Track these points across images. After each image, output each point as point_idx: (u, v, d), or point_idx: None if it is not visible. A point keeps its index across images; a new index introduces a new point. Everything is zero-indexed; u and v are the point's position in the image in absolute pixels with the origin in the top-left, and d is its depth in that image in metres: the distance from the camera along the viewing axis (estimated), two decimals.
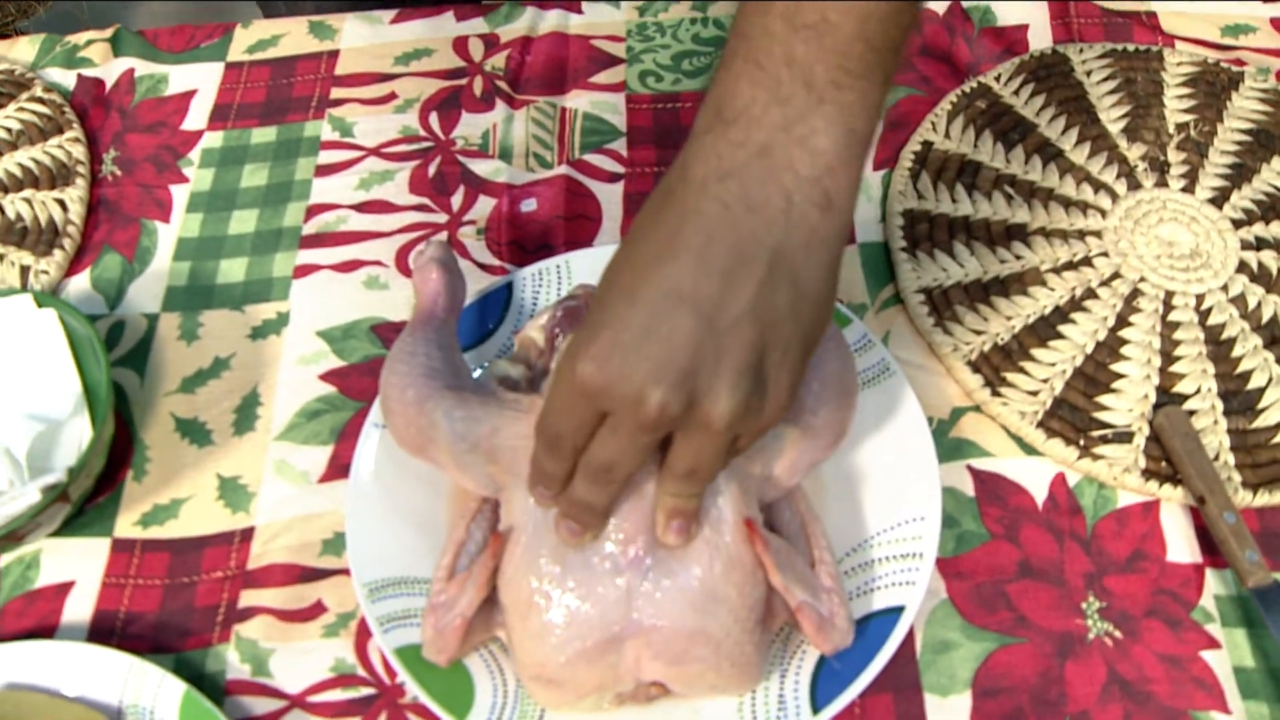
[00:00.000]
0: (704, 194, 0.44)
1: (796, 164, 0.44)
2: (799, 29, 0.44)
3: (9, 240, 0.78)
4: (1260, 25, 0.85)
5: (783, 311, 0.44)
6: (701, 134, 0.45)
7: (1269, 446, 0.64)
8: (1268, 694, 0.58)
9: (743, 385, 0.44)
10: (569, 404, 0.46)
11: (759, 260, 0.44)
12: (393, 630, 0.57)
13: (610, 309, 0.44)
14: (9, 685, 0.60)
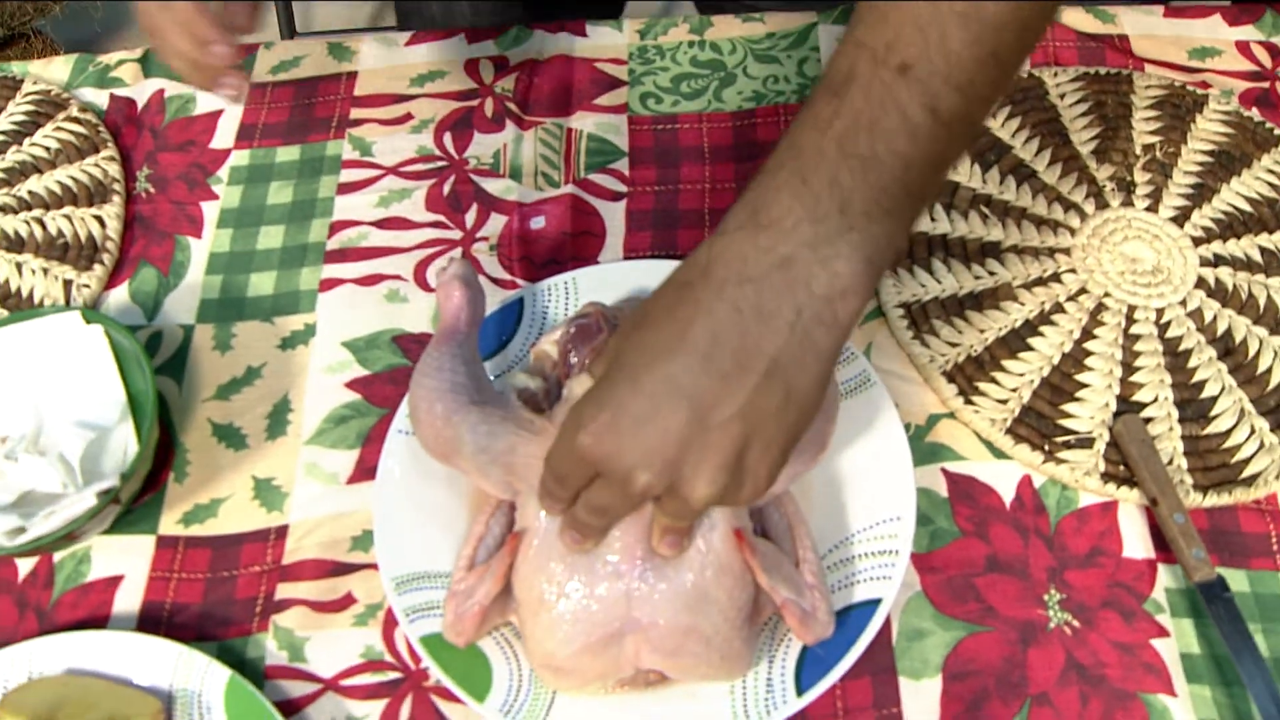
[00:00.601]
0: (721, 296, 0.49)
1: (813, 282, 0.49)
2: (849, 157, 0.48)
3: (52, 255, 0.83)
4: (1225, 48, 0.91)
5: (771, 414, 0.49)
6: (732, 231, 0.50)
7: (1219, 451, 0.70)
8: (1210, 678, 0.63)
9: (720, 479, 0.50)
10: (571, 459, 0.52)
11: (757, 367, 0.49)
12: (418, 620, 0.63)
13: (616, 389, 0.50)
14: (69, 671, 0.66)
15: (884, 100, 0.49)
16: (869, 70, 0.49)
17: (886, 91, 0.49)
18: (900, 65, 0.49)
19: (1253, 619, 0.65)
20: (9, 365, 0.72)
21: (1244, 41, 0.91)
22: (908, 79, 0.49)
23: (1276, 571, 0.67)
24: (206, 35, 0.68)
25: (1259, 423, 0.71)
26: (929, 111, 0.49)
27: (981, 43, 0.49)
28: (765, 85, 0.89)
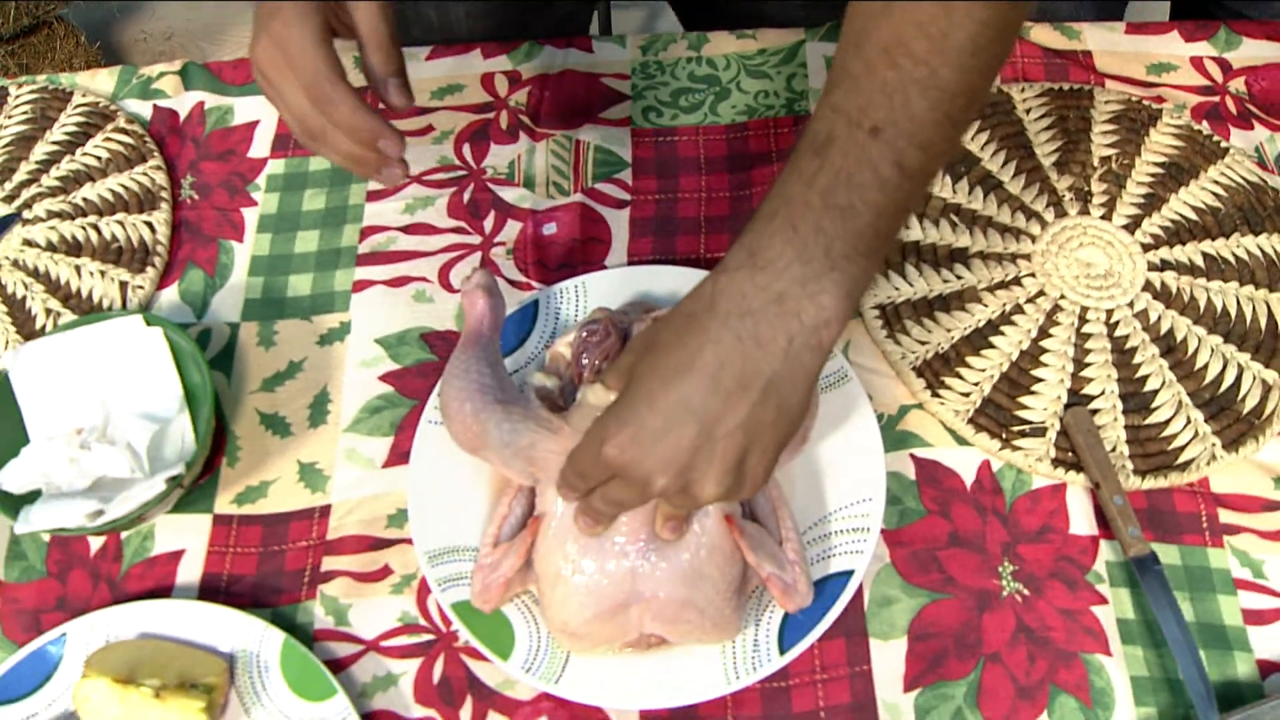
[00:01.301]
0: (725, 326, 0.58)
1: (803, 314, 0.58)
2: (831, 207, 0.57)
3: (107, 259, 0.92)
4: (1181, 64, 0.98)
5: (766, 425, 0.59)
6: (733, 269, 0.59)
7: (1158, 439, 0.79)
8: (1142, 640, 0.73)
9: (725, 480, 0.59)
10: (595, 463, 0.61)
11: (756, 386, 0.58)
12: (448, 589, 0.72)
13: (636, 407, 0.59)
14: (141, 635, 0.75)
15: (859, 158, 0.57)
16: (846, 132, 0.58)
17: (861, 151, 0.57)
18: (872, 128, 0.57)
19: (1182, 588, 0.74)
20: (79, 364, 0.80)
21: (1198, 57, 0.99)
22: (878, 140, 0.57)
23: (1205, 547, 0.76)
24: (374, 133, 0.70)
25: (1194, 414, 0.79)
26: (896, 167, 0.57)
27: (938, 107, 0.57)
28: (756, 100, 0.97)
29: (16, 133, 1.00)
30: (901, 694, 0.71)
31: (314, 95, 0.68)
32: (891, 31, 0.57)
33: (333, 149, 0.70)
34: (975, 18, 0.57)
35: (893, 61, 0.57)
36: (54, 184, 0.97)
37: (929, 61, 0.57)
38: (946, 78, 0.57)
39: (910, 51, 0.57)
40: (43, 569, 0.80)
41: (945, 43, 0.57)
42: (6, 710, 0.73)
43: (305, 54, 0.68)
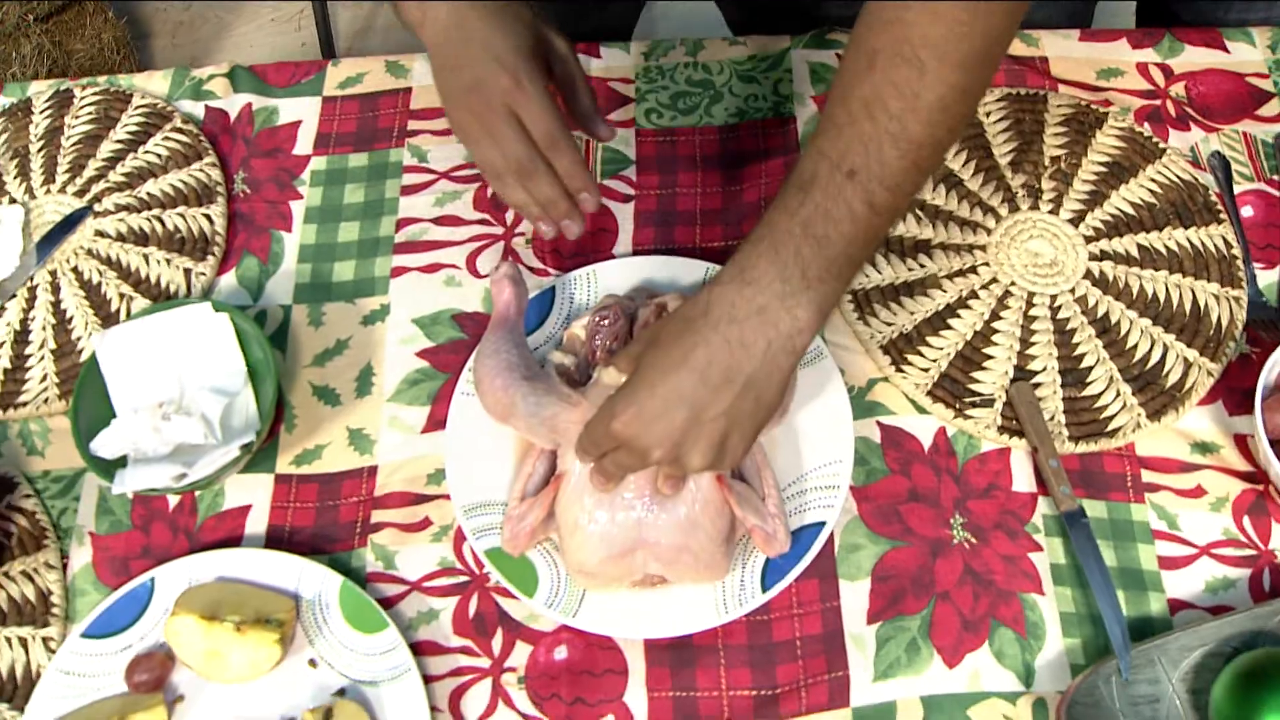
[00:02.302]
0: (715, 330, 0.70)
1: (780, 324, 0.70)
2: (810, 236, 0.70)
3: (172, 248, 1.04)
4: (1128, 69, 1.10)
5: (745, 413, 0.71)
6: (726, 283, 0.71)
7: (1091, 410, 0.91)
8: (1070, 582, 0.85)
9: (709, 455, 0.72)
10: (605, 435, 0.73)
11: (738, 381, 0.70)
12: (482, 537, 0.85)
13: (639, 392, 0.71)
14: (219, 579, 0.88)
15: (836, 196, 0.70)
16: (827, 173, 0.70)
17: (838, 191, 0.70)
18: (849, 171, 0.69)
19: (1107, 538, 0.87)
20: (157, 346, 0.93)
21: (1144, 63, 1.10)
22: (854, 181, 0.69)
23: (1129, 503, 0.89)
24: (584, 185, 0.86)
25: (1124, 388, 0.92)
26: (867, 205, 0.70)
27: (907, 156, 0.69)
28: (746, 103, 1.08)
29: (83, 132, 1.12)
30: (865, 626, 0.84)
31: (547, 142, 0.83)
32: (872, 89, 0.69)
33: (534, 190, 0.84)
34: (946, 81, 0.68)
35: (871, 115, 0.69)
36: (120, 179, 1.08)
37: (901, 118, 0.69)
38: (916, 132, 0.69)
39: (886, 108, 0.69)
40: (128, 522, 0.92)
41: (917, 102, 0.68)
42: (106, 642, 0.86)
43: (543, 106, 0.82)
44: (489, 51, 0.82)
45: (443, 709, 0.83)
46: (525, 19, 0.85)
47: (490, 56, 0.82)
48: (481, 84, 0.82)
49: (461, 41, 0.83)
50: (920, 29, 0.68)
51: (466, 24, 0.83)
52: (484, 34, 0.82)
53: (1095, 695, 0.80)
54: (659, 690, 0.82)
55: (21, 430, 0.97)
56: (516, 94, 0.82)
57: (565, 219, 0.86)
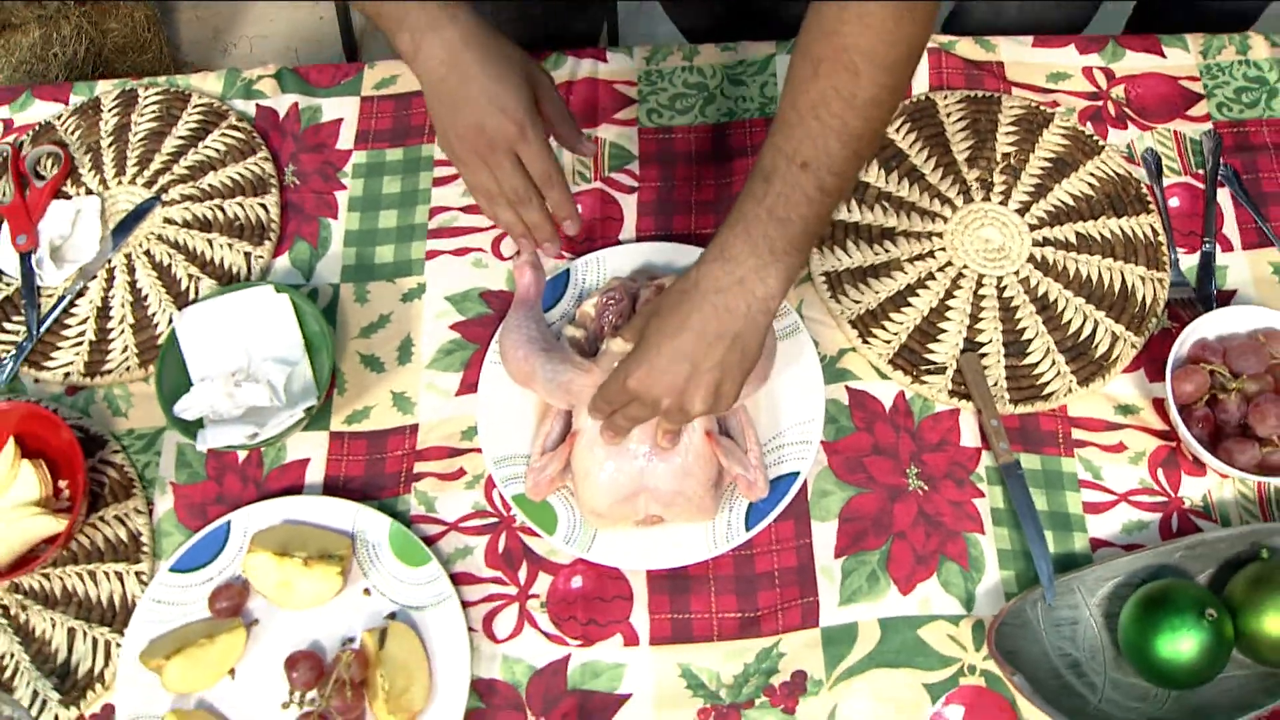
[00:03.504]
0: (705, 299, 0.85)
1: (756, 290, 0.85)
2: (774, 219, 0.84)
3: (232, 234, 1.18)
4: (1074, 73, 1.24)
5: (734, 363, 0.86)
6: (709, 261, 0.86)
7: (1030, 376, 1.06)
8: (1007, 523, 1.01)
9: (708, 400, 0.86)
10: (619, 391, 0.88)
11: (727, 338, 0.85)
12: (509, 485, 1.01)
13: (649, 352, 0.86)
14: (285, 521, 1.03)
15: (793, 185, 0.84)
16: (784, 166, 0.84)
17: (794, 180, 0.84)
18: (802, 163, 0.84)
19: (1040, 486, 1.02)
20: (227, 323, 1.07)
21: (1089, 67, 1.24)
22: (806, 172, 0.84)
23: (1060, 456, 1.04)
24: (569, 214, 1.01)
25: (1058, 358, 1.07)
26: (819, 190, 0.84)
27: (848, 146, 0.84)
28: (736, 104, 1.23)
29: (149, 129, 1.26)
30: (833, 559, 1.00)
31: (543, 180, 0.98)
32: (818, 93, 0.83)
33: (525, 215, 1.00)
34: (877, 81, 0.83)
35: (817, 115, 0.83)
36: (183, 172, 1.23)
37: (842, 115, 0.83)
38: (855, 126, 0.83)
39: (830, 108, 0.83)
40: (204, 474, 1.08)
41: (854, 101, 0.83)
42: (191, 575, 1.01)
43: (543, 150, 0.97)
44: (492, 100, 0.94)
45: (478, 629, 0.99)
46: (517, 60, 0.96)
47: (494, 105, 0.94)
48: (485, 128, 0.94)
49: (460, 82, 0.94)
50: (854, 38, 0.82)
51: (464, 66, 0.94)
52: (483, 80, 0.94)
53: (1023, 617, 0.96)
54: (659, 613, 0.98)
55: (106, 394, 1.12)
56: (520, 141, 0.95)
57: (548, 241, 1.02)
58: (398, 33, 0.95)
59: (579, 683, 0.97)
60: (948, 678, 0.95)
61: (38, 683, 1.00)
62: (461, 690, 0.95)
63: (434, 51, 0.94)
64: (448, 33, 0.94)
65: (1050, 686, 0.94)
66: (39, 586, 1.04)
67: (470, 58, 0.94)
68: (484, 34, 0.95)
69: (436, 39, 0.94)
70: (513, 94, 0.95)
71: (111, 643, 1.01)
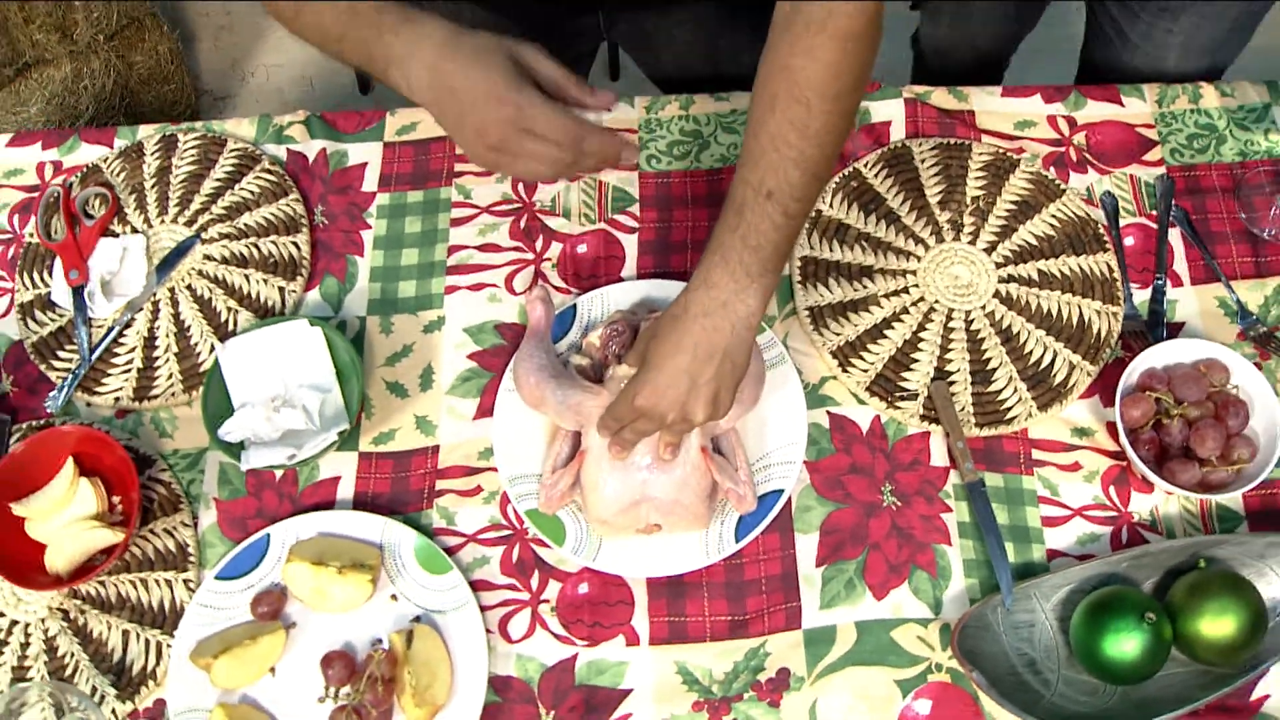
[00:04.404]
0: (695, 322, 0.96)
1: (739, 310, 0.96)
2: (747, 247, 0.95)
3: (267, 270, 1.29)
4: (1040, 120, 1.35)
5: (727, 374, 0.97)
6: (695, 288, 0.97)
7: (994, 402, 1.17)
8: (972, 535, 1.12)
9: (706, 409, 0.97)
10: (627, 409, 0.99)
11: (718, 354, 0.96)
12: (522, 500, 1.12)
13: (652, 372, 0.97)
14: (320, 534, 1.14)
15: (761, 214, 0.95)
16: (752, 198, 0.95)
17: (762, 209, 0.95)
18: (768, 193, 0.95)
19: (1002, 502, 1.13)
20: (266, 353, 1.18)
21: (1053, 115, 1.35)
22: (772, 200, 0.95)
23: (1021, 475, 1.15)
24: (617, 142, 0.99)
25: (1020, 385, 1.18)
26: (785, 215, 0.95)
27: (807, 172, 0.94)
28: (728, 150, 1.34)
29: (188, 172, 1.37)
30: (814, 568, 1.11)
31: (571, 138, 0.96)
32: (776, 126, 0.94)
33: (586, 168, 1.00)
34: (827, 111, 0.93)
35: (776, 148, 0.94)
36: (221, 212, 1.34)
37: (799, 145, 0.94)
38: (811, 154, 0.94)
39: (787, 140, 0.94)
40: (244, 490, 1.18)
41: (808, 131, 0.94)
42: (234, 582, 1.12)
43: (551, 113, 0.96)
44: (481, 97, 0.94)
45: (494, 631, 1.10)
46: (493, 47, 0.96)
47: (484, 101, 0.94)
48: (486, 124, 0.95)
49: (450, 95, 0.95)
50: (804, 73, 0.93)
51: (448, 79, 0.95)
52: (467, 84, 0.94)
53: (984, 621, 1.07)
54: (658, 616, 1.09)
55: (153, 417, 1.23)
56: (522, 118, 0.95)
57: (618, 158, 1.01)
58: (388, 71, 0.98)
59: (585, 679, 1.07)
60: (917, 674, 1.06)
61: (96, 679, 1.10)
62: (480, 686, 1.06)
63: (420, 75, 0.97)
64: (425, 54, 0.96)
65: (1008, 682, 1.04)
66: (96, 593, 1.14)
67: (451, 68, 0.95)
68: (456, 40, 0.96)
69: (418, 64, 0.96)
70: (497, 81, 0.95)
71: (162, 643, 1.11)
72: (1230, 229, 1.28)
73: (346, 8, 0.99)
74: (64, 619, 1.13)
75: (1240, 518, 1.14)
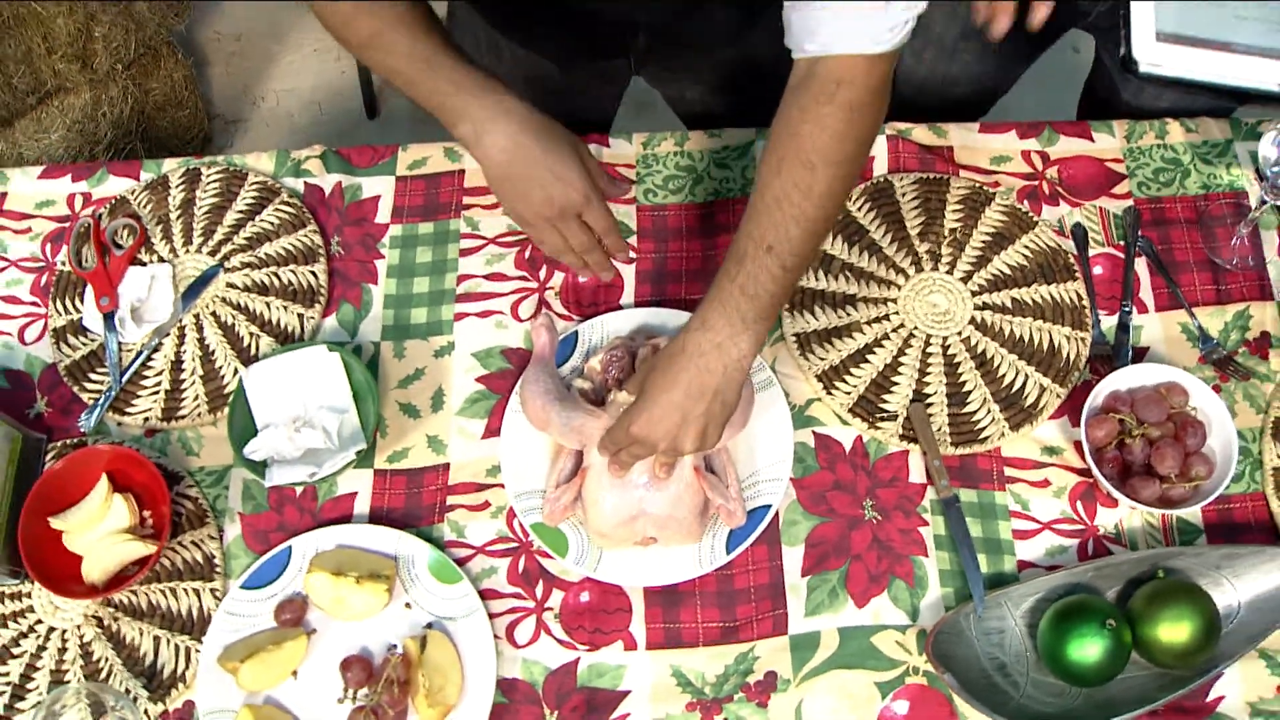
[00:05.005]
0: (691, 361, 1.04)
1: (732, 353, 1.04)
2: (745, 295, 1.03)
3: (287, 297, 1.37)
4: (1014, 156, 1.43)
5: (716, 411, 1.05)
6: (693, 330, 1.05)
7: (969, 423, 1.25)
8: (947, 547, 1.20)
9: (695, 442, 1.05)
10: (624, 435, 1.07)
11: (709, 392, 1.04)
12: (528, 514, 1.20)
13: (647, 404, 1.05)
14: (339, 546, 1.22)
15: (760, 265, 1.03)
16: (753, 251, 1.03)
17: (761, 261, 1.03)
18: (768, 247, 1.03)
19: (975, 516, 1.21)
20: (287, 377, 1.26)
21: (1027, 151, 1.43)
22: (771, 254, 1.03)
23: (994, 491, 1.23)
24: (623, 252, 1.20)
25: (994, 407, 1.26)
26: (782, 269, 1.03)
27: (806, 230, 1.03)
28: (721, 185, 1.42)
29: (211, 204, 1.45)
30: (800, 578, 1.19)
31: (605, 229, 1.16)
32: (780, 187, 1.02)
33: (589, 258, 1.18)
34: (830, 176, 1.02)
35: (780, 206, 1.02)
36: (242, 242, 1.42)
37: (801, 205, 1.02)
38: (811, 214, 1.02)
39: (790, 200, 1.02)
40: (266, 505, 1.26)
41: (810, 192, 1.02)
42: (258, 592, 1.20)
43: (603, 211, 1.15)
44: (558, 176, 1.10)
45: (502, 637, 1.18)
46: (566, 136, 1.12)
47: (559, 180, 1.10)
48: (554, 199, 1.11)
49: (525, 165, 1.09)
50: (811, 140, 1.01)
51: (526, 150, 1.09)
52: (546, 160, 1.09)
53: (958, 627, 1.15)
54: (654, 623, 1.17)
55: (180, 436, 1.31)
56: (585, 206, 1.13)
57: (605, 272, 1.22)
58: (458, 123, 1.09)
59: (587, 681, 1.15)
60: (895, 677, 1.14)
61: (129, 682, 1.18)
62: (489, 688, 1.14)
63: (496, 141, 1.09)
64: (507, 124, 1.09)
65: (980, 685, 1.12)
66: (128, 601, 1.22)
67: (530, 142, 1.09)
68: (536, 119, 1.10)
69: (497, 130, 1.09)
70: (572, 167, 1.11)
71: (191, 649, 1.19)
72: (1193, 258, 1.36)
73: (424, 59, 1.09)
74: (99, 626, 1.21)
75: (1199, 530, 1.21)
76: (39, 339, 1.38)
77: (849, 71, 1.00)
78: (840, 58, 1.00)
